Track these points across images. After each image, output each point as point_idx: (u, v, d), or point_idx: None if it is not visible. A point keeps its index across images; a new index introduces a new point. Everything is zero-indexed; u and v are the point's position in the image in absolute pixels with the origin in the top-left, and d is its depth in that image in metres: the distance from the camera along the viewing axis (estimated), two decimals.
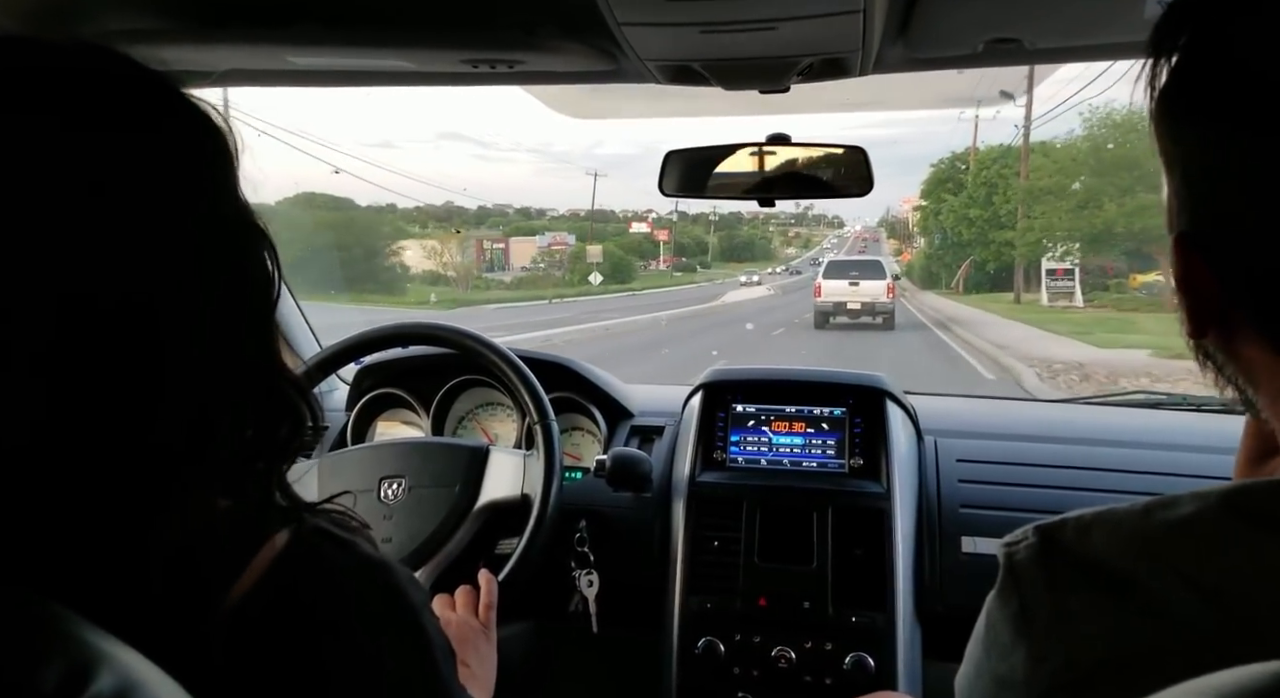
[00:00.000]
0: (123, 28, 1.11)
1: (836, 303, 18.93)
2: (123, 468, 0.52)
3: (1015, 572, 0.51)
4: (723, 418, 1.64)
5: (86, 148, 0.52)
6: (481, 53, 1.14)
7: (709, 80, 1.22)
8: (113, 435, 0.52)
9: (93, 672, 0.42)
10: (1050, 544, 0.51)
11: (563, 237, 68.01)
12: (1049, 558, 0.50)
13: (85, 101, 0.53)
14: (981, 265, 35.47)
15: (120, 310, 0.52)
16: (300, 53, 1.16)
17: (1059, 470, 1.57)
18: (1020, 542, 0.52)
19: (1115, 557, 0.48)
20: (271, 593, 0.56)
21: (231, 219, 0.60)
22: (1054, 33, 1.07)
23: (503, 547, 1.50)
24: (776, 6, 0.96)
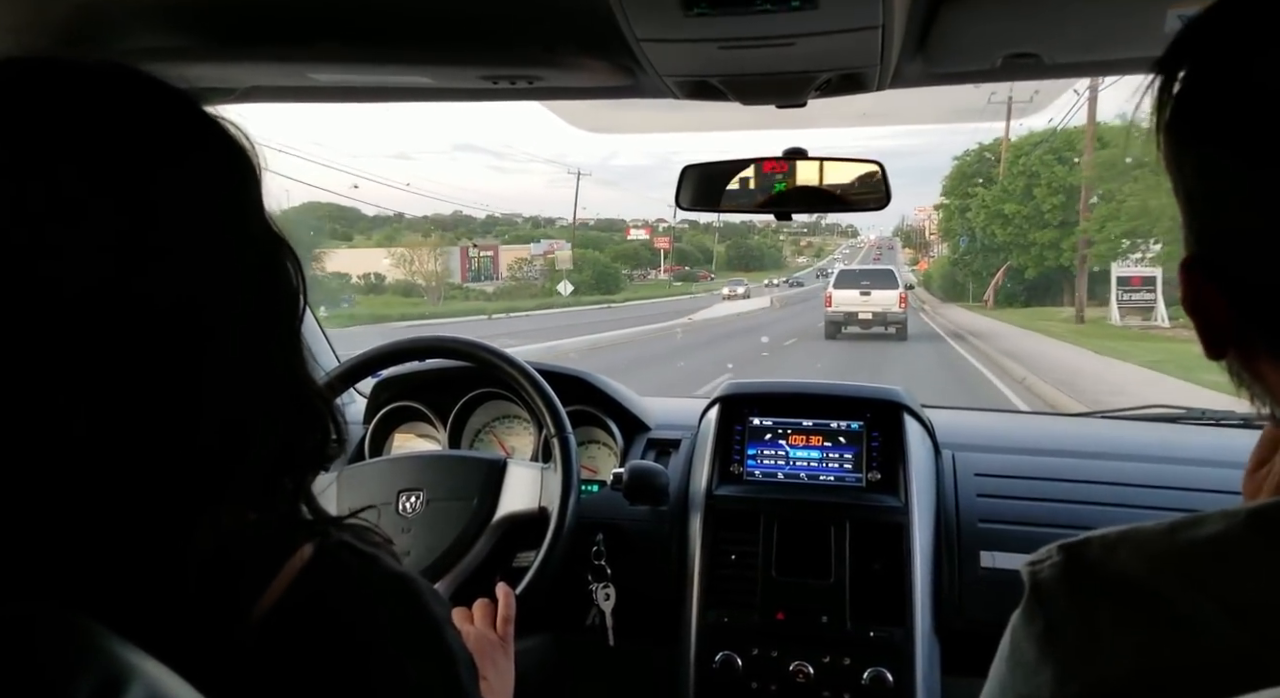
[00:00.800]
0: (147, 46, 1.12)
1: (848, 313, 18.70)
2: (161, 478, 0.53)
3: (1040, 590, 0.51)
4: (739, 431, 1.64)
5: (126, 171, 0.53)
6: (501, 69, 1.15)
7: (727, 95, 1.23)
8: (153, 447, 0.52)
9: (124, 685, 0.43)
10: (1075, 562, 0.51)
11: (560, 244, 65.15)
12: (1074, 576, 0.50)
13: (123, 124, 0.54)
14: (1018, 272, 30.34)
15: (162, 320, 0.52)
16: (321, 69, 1.17)
17: (1078, 485, 1.56)
18: (1044, 560, 0.52)
19: (1142, 575, 0.47)
20: (298, 605, 0.57)
21: (260, 234, 0.61)
22: (1073, 47, 1.07)
23: (520, 560, 1.50)
24: (795, 23, 0.96)
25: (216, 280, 0.55)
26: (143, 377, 0.52)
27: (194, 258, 0.54)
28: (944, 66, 1.15)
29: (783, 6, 0.91)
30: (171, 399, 0.53)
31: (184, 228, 0.54)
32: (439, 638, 0.63)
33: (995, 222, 31.15)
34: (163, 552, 0.53)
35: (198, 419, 0.54)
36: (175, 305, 0.53)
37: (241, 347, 0.56)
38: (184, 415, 0.53)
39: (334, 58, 1.13)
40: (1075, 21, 1.00)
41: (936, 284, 43.77)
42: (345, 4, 1.04)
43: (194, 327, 0.54)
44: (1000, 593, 1.45)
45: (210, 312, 0.54)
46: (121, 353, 0.51)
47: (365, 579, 0.61)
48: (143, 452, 0.52)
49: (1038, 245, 29.65)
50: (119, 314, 0.51)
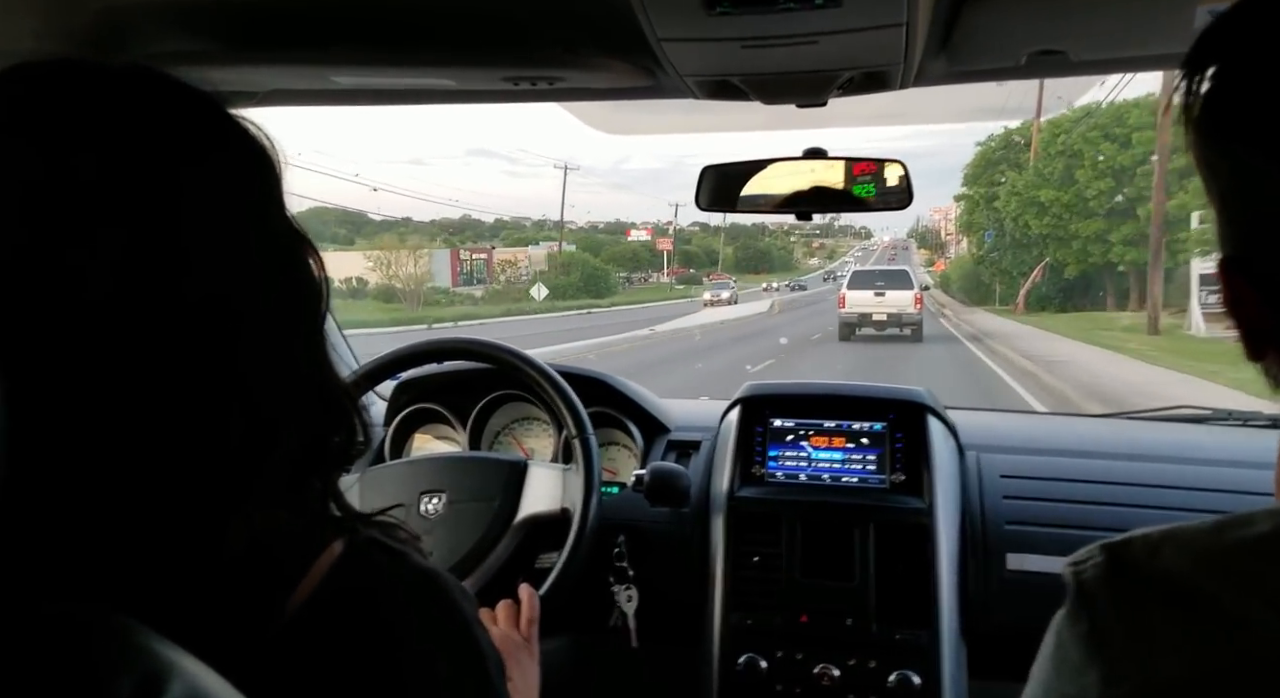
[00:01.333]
0: (170, 50, 1.13)
1: (862, 314, 18.47)
2: (192, 477, 0.53)
3: (1084, 591, 0.50)
4: (761, 433, 1.63)
5: (150, 170, 0.53)
6: (522, 70, 1.15)
7: (748, 95, 1.22)
8: (184, 445, 0.53)
9: (164, 682, 0.43)
10: (1118, 563, 0.50)
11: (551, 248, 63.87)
12: (1118, 576, 0.49)
13: (146, 123, 0.54)
14: (1056, 271, 26.25)
15: (190, 319, 0.53)
16: (343, 72, 1.17)
17: (1105, 487, 1.54)
18: (1087, 561, 0.51)
19: (1189, 575, 0.47)
20: (330, 601, 0.57)
21: (283, 231, 0.61)
22: (1099, 44, 1.06)
23: (542, 561, 1.50)
24: (818, 21, 0.96)
25: (241, 278, 0.56)
26: (171, 375, 0.52)
27: (218, 255, 0.55)
28: (967, 64, 1.14)
29: (806, 4, 0.91)
30: (200, 397, 0.53)
31: (208, 226, 0.55)
32: (469, 635, 0.63)
33: (1029, 211, 26.55)
34: (196, 549, 0.53)
35: (227, 417, 0.54)
36: (201, 303, 0.53)
37: (268, 344, 0.57)
38: (213, 414, 0.54)
39: (356, 61, 1.14)
40: (1102, 18, 0.99)
41: (956, 285, 39.47)
42: (367, 7, 1.04)
43: (220, 324, 0.54)
44: (1028, 596, 1.44)
45: (236, 309, 0.55)
46: (148, 352, 0.51)
47: (396, 576, 0.62)
48: (174, 451, 0.52)
49: (1080, 238, 25.29)
50: (145, 312, 0.51)
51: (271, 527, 0.57)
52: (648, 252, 76.58)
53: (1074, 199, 25.47)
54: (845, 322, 18.73)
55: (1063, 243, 26.03)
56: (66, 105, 0.53)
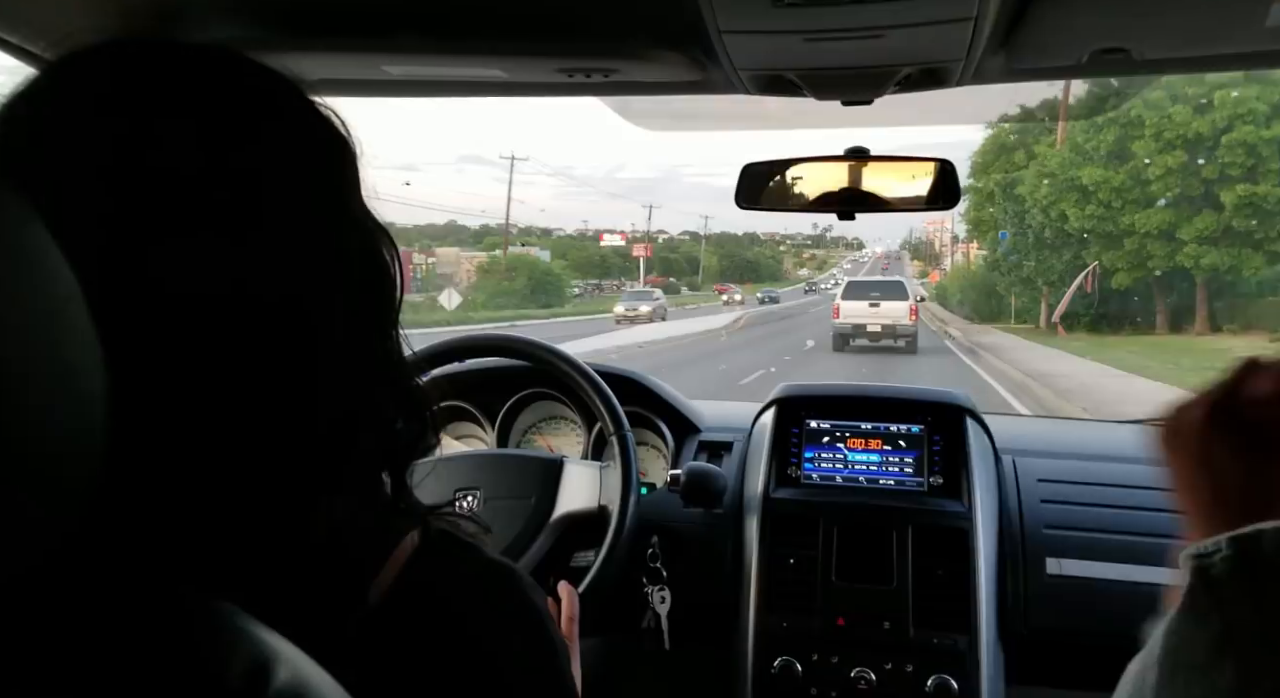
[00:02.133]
0: (220, 36, 1.11)
1: (856, 325, 18.38)
2: (279, 469, 0.53)
3: (1213, 587, 0.48)
4: (796, 434, 1.62)
5: (235, 152, 0.52)
6: (576, 61, 1.14)
7: (801, 90, 1.21)
8: (271, 438, 0.52)
9: (271, 667, 0.42)
10: (1248, 557, 0.48)
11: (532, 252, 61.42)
12: (1250, 572, 0.48)
13: (231, 105, 0.53)
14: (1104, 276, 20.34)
15: (276, 310, 0.52)
16: (395, 62, 1.16)
17: (1144, 492, 1.53)
18: (1214, 553, 0.49)
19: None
20: (408, 592, 0.57)
21: (362, 220, 0.60)
22: (1165, 43, 1.05)
23: (578, 560, 1.49)
24: (887, 13, 0.94)
25: (322, 267, 0.55)
26: (255, 368, 0.51)
27: (300, 247, 0.54)
28: (1028, 62, 1.13)
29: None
30: (284, 388, 0.52)
31: (292, 213, 0.54)
32: (541, 626, 0.63)
33: (1065, 198, 20.02)
34: (283, 541, 0.53)
35: (312, 410, 0.53)
36: (284, 293, 0.52)
37: (348, 335, 0.56)
38: (297, 406, 0.53)
39: (409, 49, 1.12)
40: (1171, 15, 0.97)
41: (958, 298, 33.90)
42: None
43: (302, 314, 0.53)
44: (1067, 600, 1.42)
45: (316, 301, 0.54)
46: (232, 345, 0.50)
47: (470, 568, 0.62)
48: (260, 442, 0.52)
49: (1135, 235, 19.06)
50: (228, 306, 0.50)
51: (351, 518, 0.57)
52: (620, 258, 73.68)
53: (1128, 181, 18.75)
54: (839, 332, 18.66)
55: (1110, 242, 19.61)
56: (161, 84, 0.52)
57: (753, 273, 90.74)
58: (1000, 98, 1.58)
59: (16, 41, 1.05)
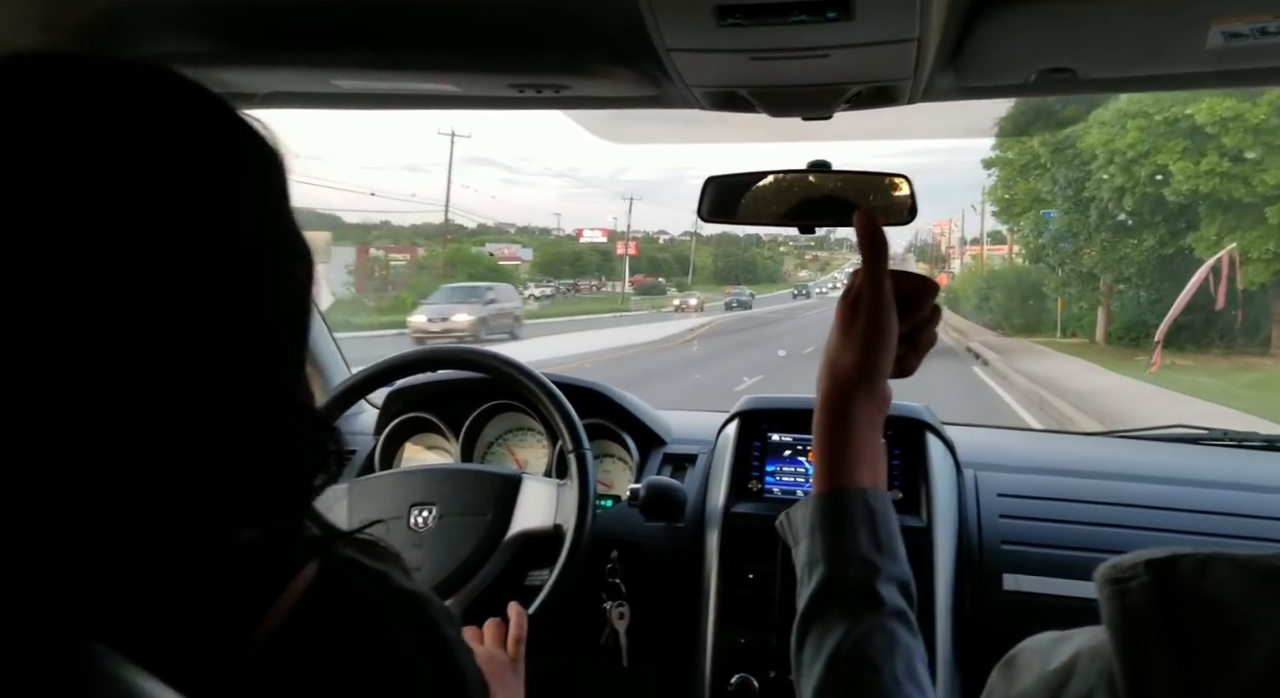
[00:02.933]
0: (170, 50, 1.11)
1: None
2: (143, 497, 0.50)
3: (1130, 614, 0.47)
4: (758, 447, 1.62)
5: (148, 166, 0.51)
6: (527, 77, 1.13)
7: (754, 107, 1.21)
8: (132, 464, 0.49)
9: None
10: (1164, 582, 0.46)
11: (514, 250, 60.62)
12: (1165, 598, 0.46)
13: (151, 119, 0.52)
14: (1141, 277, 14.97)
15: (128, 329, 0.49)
16: (345, 76, 1.15)
17: (1101, 507, 1.53)
18: (1130, 578, 0.47)
19: (1240, 598, 0.44)
20: (303, 626, 0.55)
21: (267, 241, 0.57)
22: (1109, 63, 1.05)
23: (533, 578, 1.48)
24: (830, 34, 0.94)
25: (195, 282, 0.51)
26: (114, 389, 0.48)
27: (204, 258, 0.52)
28: (976, 81, 1.13)
29: (819, 17, 0.90)
30: (145, 412, 0.49)
31: (201, 227, 0.52)
32: (450, 659, 0.61)
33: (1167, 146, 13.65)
34: (153, 573, 0.50)
35: (175, 434, 0.50)
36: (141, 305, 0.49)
37: (227, 357, 0.53)
38: (160, 430, 0.50)
39: (359, 64, 1.12)
40: (1114, 37, 0.98)
41: (974, 302, 28.24)
42: (372, 11, 1.02)
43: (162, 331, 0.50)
44: (1024, 617, 1.42)
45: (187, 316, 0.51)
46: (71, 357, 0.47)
47: (373, 598, 0.59)
48: (123, 472, 0.49)
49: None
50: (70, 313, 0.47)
51: (236, 549, 0.55)
52: (599, 256, 68.47)
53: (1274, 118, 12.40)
54: None
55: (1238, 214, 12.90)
56: (81, 96, 0.51)
57: (749, 274, 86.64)
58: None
59: None
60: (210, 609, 0.52)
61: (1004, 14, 0.94)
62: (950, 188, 48.69)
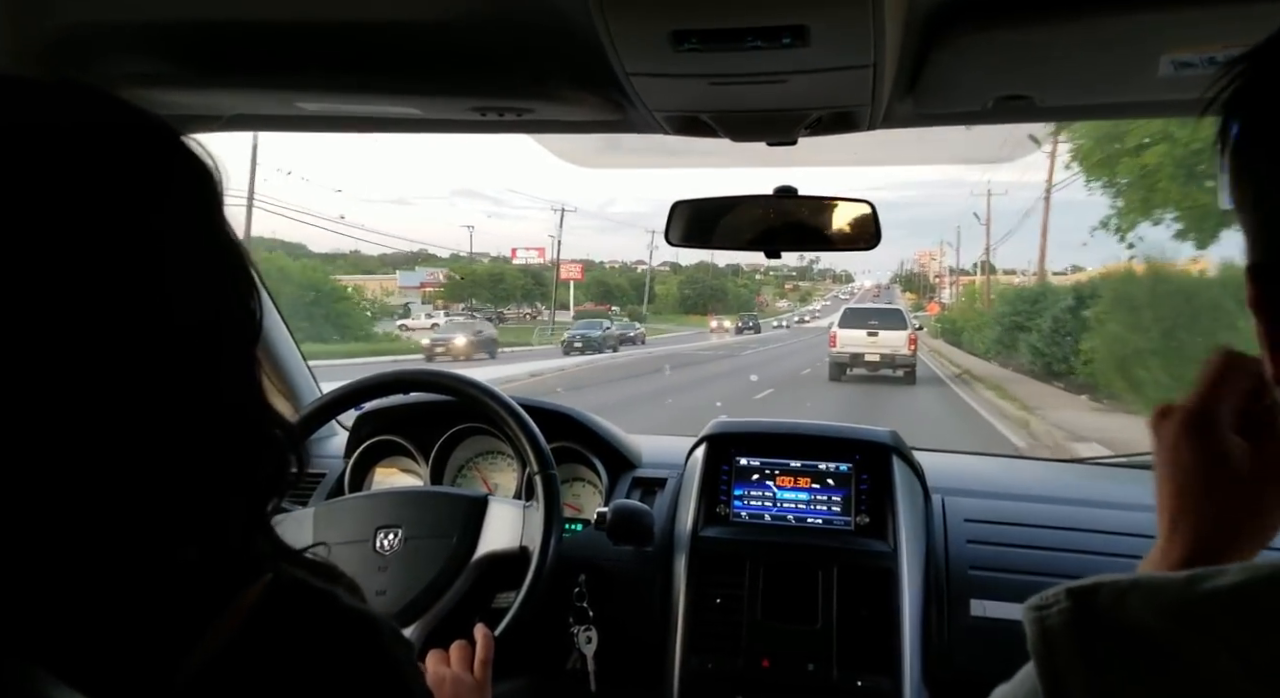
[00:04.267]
0: (132, 71, 1.11)
1: (854, 354, 18.05)
2: (80, 515, 0.49)
3: (1049, 640, 0.48)
4: (726, 471, 1.61)
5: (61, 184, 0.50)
6: (490, 101, 1.14)
7: (717, 131, 1.22)
8: (63, 479, 0.48)
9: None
10: (1085, 610, 0.48)
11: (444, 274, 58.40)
12: (1084, 624, 0.47)
13: (87, 140, 0.52)
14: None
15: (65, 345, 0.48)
16: (308, 98, 1.16)
17: (1070, 533, 1.53)
18: (1051, 606, 0.48)
19: (1157, 625, 0.45)
20: (246, 647, 0.54)
21: (209, 259, 0.57)
22: (1065, 91, 1.07)
23: (500, 600, 1.46)
24: (786, 60, 0.96)
25: (140, 300, 0.51)
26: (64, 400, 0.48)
27: (145, 275, 0.51)
28: (935, 107, 1.15)
29: (774, 43, 0.91)
30: (92, 422, 0.49)
31: (139, 246, 0.52)
32: (399, 681, 0.60)
33: None
34: (90, 591, 0.49)
35: (118, 449, 0.50)
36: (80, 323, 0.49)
37: (171, 372, 0.52)
38: (106, 440, 0.49)
39: (321, 86, 1.12)
40: (1067, 66, 0.99)
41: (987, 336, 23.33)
42: (334, 33, 1.03)
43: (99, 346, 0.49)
44: (991, 642, 1.42)
45: (127, 333, 0.50)
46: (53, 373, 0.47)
47: (319, 619, 0.58)
48: (61, 485, 0.48)
49: None
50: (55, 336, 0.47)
51: (175, 568, 0.53)
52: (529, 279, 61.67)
53: None
54: (836, 362, 18.32)
55: None
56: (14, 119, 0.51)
57: (719, 303, 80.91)
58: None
59: None
60: (150, 628, 0.51)
61: (959, 42, 0.96)
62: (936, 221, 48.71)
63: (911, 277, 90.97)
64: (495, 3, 0.96)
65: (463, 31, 1.02)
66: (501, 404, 1.48)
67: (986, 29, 0.93)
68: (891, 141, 1.43)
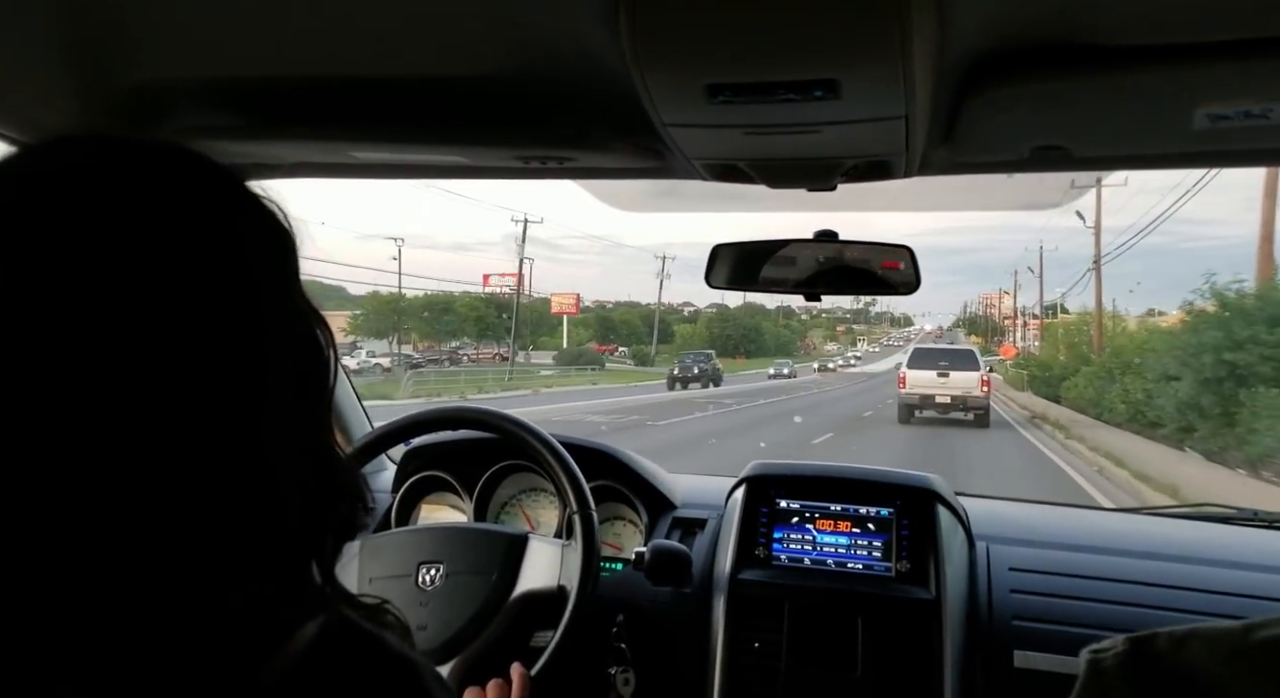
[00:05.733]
0: (199, 124, 1.17)
1: (924, 395, 17.66)
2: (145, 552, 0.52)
3: (1101, 679, 0.50)
4: (766, 513, 1.61)
5: (161, 244, 0.54)
6: (534, 150, 1.18)
7: (754, 178, 1.24)
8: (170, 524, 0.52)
9: None
10: (1140, 655, 0.50)
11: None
12: (1138, 668, 0.50)
13: (161, 199, 0.55)
14: None
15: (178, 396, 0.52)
16: (362, 148, 1.21)
17: (1119, 585, 1.49)
18: (1108, 650, 0.52)
19: (1212, 670, 0.47)
20: (294, 688, 0.56)
21: (293, 310, 0.61)
22: (1101, 142, 1.07)
23: (538, 639, 1.47)
24: (819, 112, 0.98)
25: (237, 350, 0.55)
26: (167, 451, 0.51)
27: (229, 330, 0.55)
28: (971, 156, 1.15)
29: (806, 96, 0.93)
30: (204, 473, 0.52)
31: (221, 299, 0.55)
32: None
33: None
34: (145, 629, 0.52)
35: (222, 495, 0.53)
36: (206, 377, 0.53)
37: (263, 419, 0.56)
38: (218, 489, 0.53)
39: (374, 137, 1.18)
40: (1103, 118, 1.00)
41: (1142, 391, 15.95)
42: (386, 88, 1.08)
43: (225, 399, 0.53)
44: (1034, 695, 1.38)
45: (227, 382, 0.54)
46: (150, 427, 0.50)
47: (366, 662, 0.60)
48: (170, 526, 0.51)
49: None
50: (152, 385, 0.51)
51: (233, 607, 0.55)
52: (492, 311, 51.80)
53: None
54: (905, 403, 17.91)
55: None
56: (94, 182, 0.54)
57: (753, 344, 72.39)
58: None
59: (9, 133, 1.11)
60: (209, 665, 0.53)
61: (992, 94, 0.97)
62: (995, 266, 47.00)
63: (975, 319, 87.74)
64: (537, 59, 1.00)
65: (507, 86, 1.06)
66: (543, 442, 1.51)
67: (1019, 81, 0.94)
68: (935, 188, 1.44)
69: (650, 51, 0.88)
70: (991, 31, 0.87)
